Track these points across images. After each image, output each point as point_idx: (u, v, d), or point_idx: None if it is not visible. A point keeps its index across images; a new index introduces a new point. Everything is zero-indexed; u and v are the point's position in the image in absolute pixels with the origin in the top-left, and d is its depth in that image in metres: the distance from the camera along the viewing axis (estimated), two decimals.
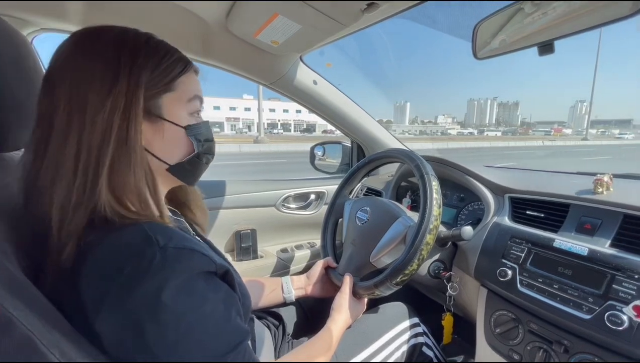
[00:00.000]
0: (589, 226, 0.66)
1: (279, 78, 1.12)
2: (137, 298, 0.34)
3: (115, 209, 0.39)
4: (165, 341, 0.35)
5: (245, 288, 0.52)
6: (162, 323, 0.35)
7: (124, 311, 0.34)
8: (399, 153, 0.82)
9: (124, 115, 0.40)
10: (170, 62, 0.45)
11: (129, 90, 0.41)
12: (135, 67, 0.41)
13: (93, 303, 0.35)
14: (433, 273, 0.83)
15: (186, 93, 0.47)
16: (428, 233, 0.64)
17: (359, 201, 0.89)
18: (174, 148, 0.48)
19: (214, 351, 0.37)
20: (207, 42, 0.94)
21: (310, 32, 0.83)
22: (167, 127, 0.46)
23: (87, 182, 0.39)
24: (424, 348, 0.80)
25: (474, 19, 0.66)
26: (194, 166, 0.50)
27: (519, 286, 0.67)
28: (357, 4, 0.68)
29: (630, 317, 0.52)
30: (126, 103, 0.40)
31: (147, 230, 0.38)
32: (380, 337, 0.75)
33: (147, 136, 0.44)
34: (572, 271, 0.62)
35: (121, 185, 0.40)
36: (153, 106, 0.44)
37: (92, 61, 0.40)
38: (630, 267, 0.55)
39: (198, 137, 0.49)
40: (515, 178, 0.89)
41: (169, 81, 0.45)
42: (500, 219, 0.80)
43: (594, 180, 0.70)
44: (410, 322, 0.81)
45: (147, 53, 0.43)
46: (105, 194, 0.39)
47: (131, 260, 0.36)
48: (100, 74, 0.40)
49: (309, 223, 1.41)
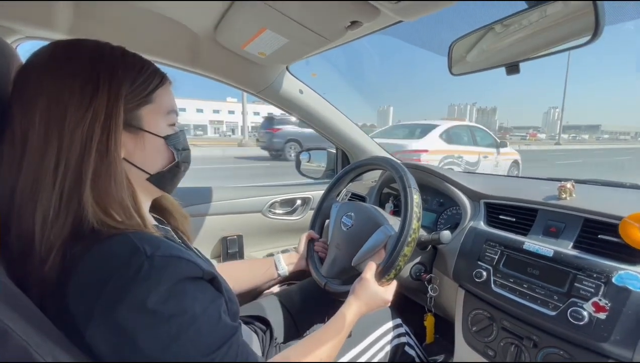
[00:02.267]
0: (554, 229, 0.71)
1: (265, 87, 1.14)
2: (125, 308, 0.35)
3: (102, 219, 0.40)
4: (158, 344, 0.36)
5: (233, 294, 0.53)
6: (152, 329, 0.36)
7: (113, 321, 0.35)
8: (386, 162, 0.85)
9: (104, 128, 0.41)
10: (147, 75, 0.47)
11: (109, 103, 0.42)
12: (115, 80, 0.43)
13: (82, 315, 0.36)
14: (414, 275, 0.86)
15: (164, 105, 0.49)
16: (406, 246, 0.67)
17: (344, 206, 0.92)
18: (155, 158, 0.49)
19: (208, 346, 0.39)
20: (196, 52, 0.95)
21: (296, 46, 0.86)
22: (148, 138, 0.47)
23: (66, 195, 0.39)
24: (407, 348, 0.82)
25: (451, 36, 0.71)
26: (173, 174, 0.53)
27: (493, 287, 0.72)
28: (341, 22, 0.72)
29: (590, 312, 0.57)
30: (106, 116, 0.41)
31: (134, 239, 0.39)
32: (364, 338, 0.77)
33: (129, 148, 0.46)
34: (539, 272, 0.67)
35: (105, 196, 0.41)
36: (133, 118, 0.45)
37: (70, 74, 0.41)
38: (590, 267, 0.60)
39: (177, 146, 0.51)
40: (490, 184, 0.94)
41: (147, 93, 0.46)
42: (476, 223, 0.85)
43: (558, 186, 0.76)
44: (393, 323, 0.83)
45: (125, 67, 0.45)
46: (90, 205, 0.39)
47: (118, 270, 0.36)
48: (79, 88, 0.40)
49: (295, 228, 1.43)
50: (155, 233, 0.44)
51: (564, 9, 0.56)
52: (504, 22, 0.67)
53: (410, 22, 0.75)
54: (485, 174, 1.21)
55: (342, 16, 0.70)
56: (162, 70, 0.51)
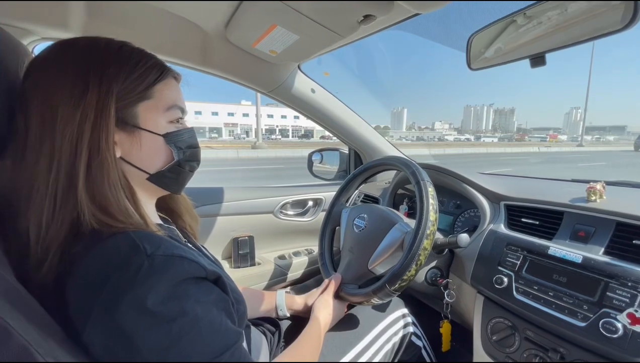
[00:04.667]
0: (583, 233, 0.66)
1: (277, 86, 1.13)
2: (123, 307, 0.34)
3: (101, 219, 0.39)
4: (157, 346, 0.35)
5: (240, 294, 0.51)
6: (152, 330, 0.34)
7: (111, 321, 0.34)
8: (395, 161, 0.82)
9: (94, 126, 0.40)
10: (144, 69, 0.45)
11: (100, 100, 0.40)
12: (105, 76, 0.41)
13: (81, 314, 0.35)
14: (430, 280, 0.83)
15: (164, 101, 0.47)
16: (425, 239, 0.64)
17: (356, 209, 0.89)
18: (153, 157, 0.47)
19: (208, 352, 0.37)
20: (206, 51, 0.95)
21: (308, 43, 0.84)
22: (145, 136, 0.45)
23: (61, 196, 0.38)
24: (414, 338, 0.81)
25: (468, 31, 0.68)
26: (176, 174, 0.50)
27: (515, 294, 0.68)
28: (353, 16, 0.70)
29: (625, 325, 0.52)
30: (96, 114, 0.40)
31: (134, 238, 0.38)
32: (371, 330, 0.76)
33: (125, 146, 0.44)
34: (566, 279, 0.62)
35: (100, 196, 0.40)
36: (128, 115, 0.43)
37: (62, 72, 0.40)
38: (624, 275, 0.56)
39: (178, 144, 0.48)
40: (511, 185, 0.90)
41: (143, 88, 0.44)
42: (496, 226, 0.81)
43: (587, 188, 0.71)
44: (399, 313, 0.82)
45: (119, 62, 0.43)
46: (87, 205, 0.39)
47: (118, 269, 0.35)
48: (70, 85, 0.40)
49: (306, 230, 1.41)
50: (159, 232, 0.43)
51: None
52: (527, 13, 0.64)
53: (426, 16, 0.72)
54: (505, 175, 1.16)
55: (354, 10, 0.68)
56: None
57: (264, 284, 1.25)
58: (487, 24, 0.65)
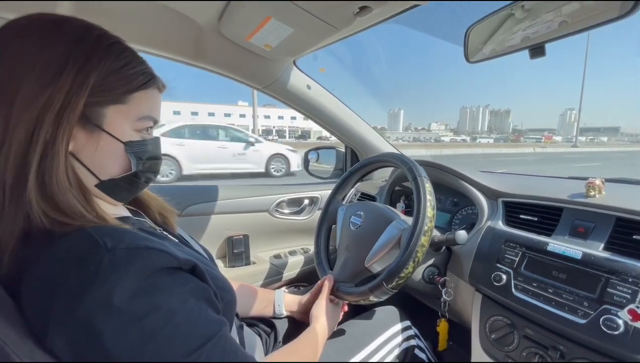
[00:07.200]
0: (582, 229, 0.65)
1: (272, 82, 1.11)
2: (86, 307, 0.32)
3: (52, 216, 0.36)
4: (129, 345, 0.32)
5: (226, 283, 0.48)
6: (121, 329, 0.32)
7: (74, 323, 0.32)
8: (391, 157, 0.81)
9: (57, 117, 0.36)
10: (131, 73, 0.41)
11: (71, 91, 0.37)
12: (85, 68, 0.38)
13: (39, 320, 0.33)
14: (427, 278, 0.82)
15: (138, 110, 0.43)
16: (423, 235, 0.63)
17: (352, 206, 0.88)
18: (107, 162, 0.43)
19: (189, 344, 0.35)
20: (199, 45, 0.93)
21: (303, 36, 0.83)
22: (104, 139, 0.41)
23: (10, 186, 0.35)
24: (417, 351, 0.79)
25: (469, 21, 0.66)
26: (130, 184, 0.46)
27: (514, 291, 0.66)
28: (349, 8, 0.68)
29: (626, 321, 0.51)
30: (63, 104, 0.36)
31: (93, 234, 0.35)
32: (372, 340, 0.74)
33: (78, 143, 0.40)
34: (566, 275, 0.61)
35: (51, 191, 0.36)
36: (94, 114, 0.40)
37: (39, 46, 0.36)
38: (624, 270, 0.55)
39: (139, 155, 0.44)
40: (509, 182, 0.89)
41: (122, 92, 0.41)
42: (494, 223, 0.79)
43: (586, 183, 0.70)
44: (401, 325, 0.80)
45: (105, 57, 0.39)
46: (36, 201, 0.35)
47: (75, 267, 0.33)
48: (44, 63, 0.36)
49: (302, 229, 1.39)
50: (123, 226, 0.40)
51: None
52: (525, 6, 0.62)
53: (424, 9, 0.70)
54: (503, 172, 1.15)
55: (350, 1, 0.66)
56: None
57: (259, 283, 1.23)
58: (485, 15, 0.64)
